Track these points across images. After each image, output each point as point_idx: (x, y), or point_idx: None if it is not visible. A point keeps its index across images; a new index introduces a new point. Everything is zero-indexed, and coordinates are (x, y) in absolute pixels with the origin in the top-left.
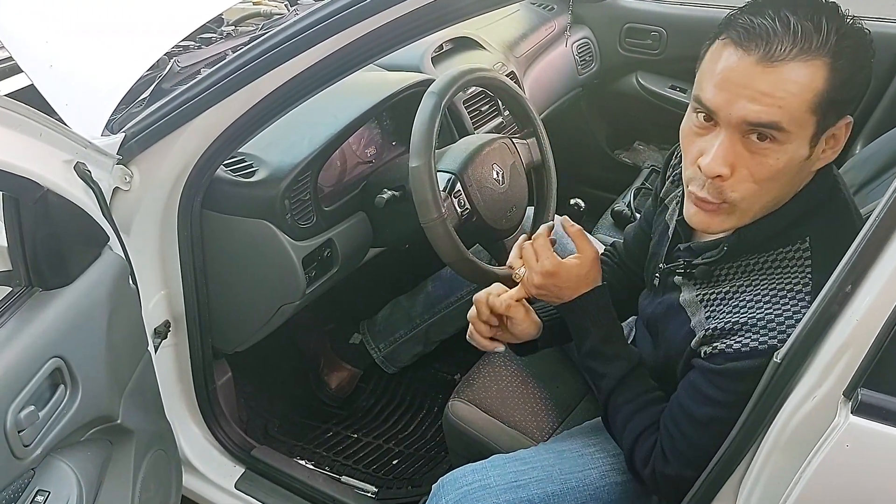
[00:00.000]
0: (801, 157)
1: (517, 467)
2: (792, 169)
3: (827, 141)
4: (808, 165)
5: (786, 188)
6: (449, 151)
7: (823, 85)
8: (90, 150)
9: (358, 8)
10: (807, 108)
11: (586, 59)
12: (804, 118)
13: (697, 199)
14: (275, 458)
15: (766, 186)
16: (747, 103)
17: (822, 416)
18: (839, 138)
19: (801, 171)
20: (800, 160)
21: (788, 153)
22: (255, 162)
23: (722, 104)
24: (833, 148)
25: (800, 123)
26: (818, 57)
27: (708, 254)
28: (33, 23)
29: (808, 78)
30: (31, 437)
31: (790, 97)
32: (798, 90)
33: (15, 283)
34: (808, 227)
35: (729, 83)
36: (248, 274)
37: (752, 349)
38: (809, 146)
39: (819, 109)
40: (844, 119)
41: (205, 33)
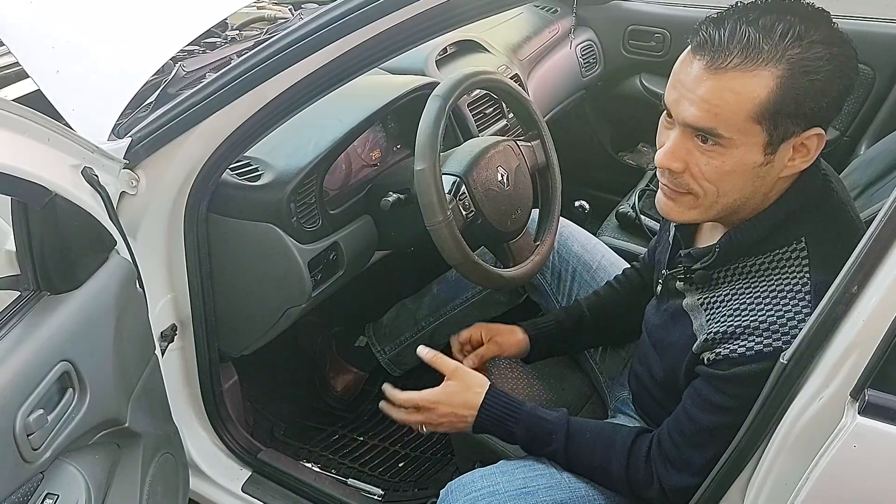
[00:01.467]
0: (753, 162)
1: (526, 473)
2: (745, 173)
3: (796, 149)
4: (771, 171)
5: (747, 190)
6: (454, 154)
7: (767, 96)
8: (97, 154)
9: (362, 12)
10: (746, 117)
11: (590, 62)
12: (745, 126)
13: (662, 185)
14: (281, 461)
15: (723, 187)
16: (689, 105)
17: (829, 417)
18: (809, 148)
19: (764, 177)
20: (752, 165)
21: (735, 157)
22: (261, 166)
23: (672, 104)
24: (804, 157)
25: (741, 131)
26: (764, 68)
27: (705, 258)
28: (40, 29)
29: (747, 88)
30: (39, 440)
31: (726, 105)
32: (735, 100)
33: (23, 288)
34: (802, 228)
35: (679, 84)
36: (254, 277)
37: (758, 352)
38: (763, 153)
39: (764, 119)
40: (813, 130)
41: (210, 38)
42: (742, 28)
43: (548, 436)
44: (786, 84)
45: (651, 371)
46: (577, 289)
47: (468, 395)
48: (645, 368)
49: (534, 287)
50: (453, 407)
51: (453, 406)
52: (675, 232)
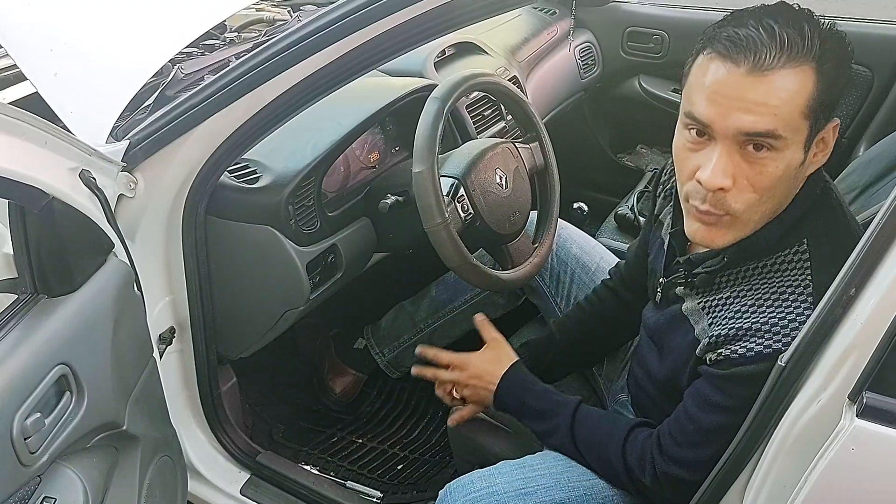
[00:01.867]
0: (798, 162)
1: (525, 474)
2: (790, 175)
3: (817, 144)
4: (803, 170)
5: (783, 195)
6: (452, 156)
7: (813, 89)
8: (95, 157)
9: (361, 14)
10: (800, 114)
11: (588, 63)
12: (798, 123)
13: (699, 212)
14: (280, 464)
15: (766, 195)
16: (742, 114)
17: (827, 420)
18: (828, 141)
19: (798, 177)
20: (796, 166)
21: (786, 159)
22: (259, 168)
23: (716, 117)
24: (823, 151)
25: (795, 129)
26: (805, 62)
27: (708, 262)
28: (37, 31)
29: (798, 84)
30: (37, 444)
31: (783, 104)
32: (790, 97)
33: (21, 291)
34: (803, 230)
35: (720, 96)
36: (253, 280)
37: (758, 353)
38: (804, 151)
39: (811, 113)
40: (832, 122)
41: (208, 40)
42: (772, 26)
43: (556, 406)
44: (822, 75)
45: (650, 373)
46: (575, 291)
47: (497, 365)
48: (644, 371)
49: (532, 289)
50: (481, 371)
51: (481, 370)
52: (671, 239)
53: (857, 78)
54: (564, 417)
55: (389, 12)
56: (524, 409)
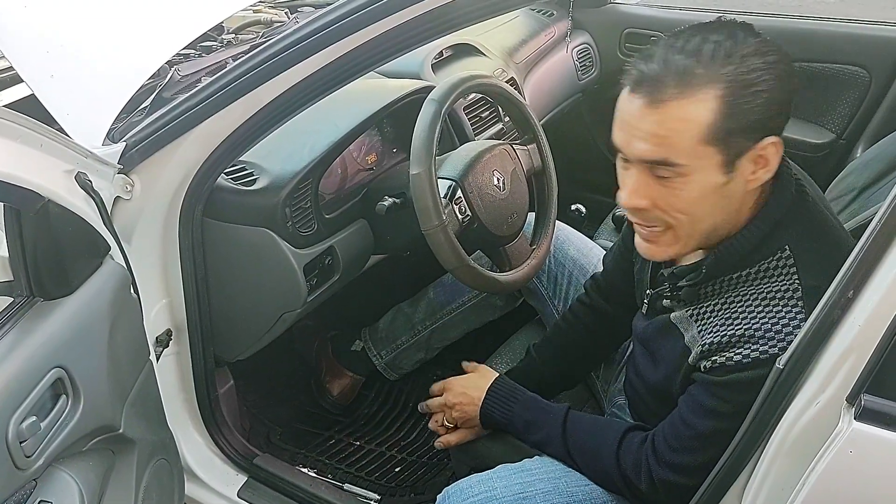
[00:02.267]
0: (716, 183)
1: (523, 479)
2: (712, 195)
3: (756, 161)
4: (737, 188)
5: (720, 211)
6: (449, 158)
7: (713, 117)
8: (91, 159)
9: (358, 16)
10: (696, 142)
11: (586, 65)
12: (698, 150)
13: (638, 228)
14: (277, 467)
15: (695, 214)
16: (639, 142)
17: (825, 422)
18: (768, 159)
19: (731, 195)
20: (715, 187)
21: (697, 183)
22: (256, 170)
23: (622, 144)
24: (765, 168)
25: (695, 156)
26: (703, 91)
27: (690, 276)
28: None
29: (692, 114)
30: (32, 447)
31: (675, 134)
32: (683, 127)
33: (16, 294)
34: (783, 237)
35: (625, 124)
36: (250, 282)
37: (754, 359)
38: (723, 173)
39: (715, 140)
40: (768, 139)
41: (205, 41)
42: (672, 57)
43: (545, 415)
44: (728, 101)
45: (645, 380)
46: (573, 292)
47: (481, 380)
48: (638, 376)
49: (530, 291)
50: (466, 387)
51: (466, 386)
52: None
53: (854, 79)
54: (554, 427)
55: (387, 14)
56: (513, 421)
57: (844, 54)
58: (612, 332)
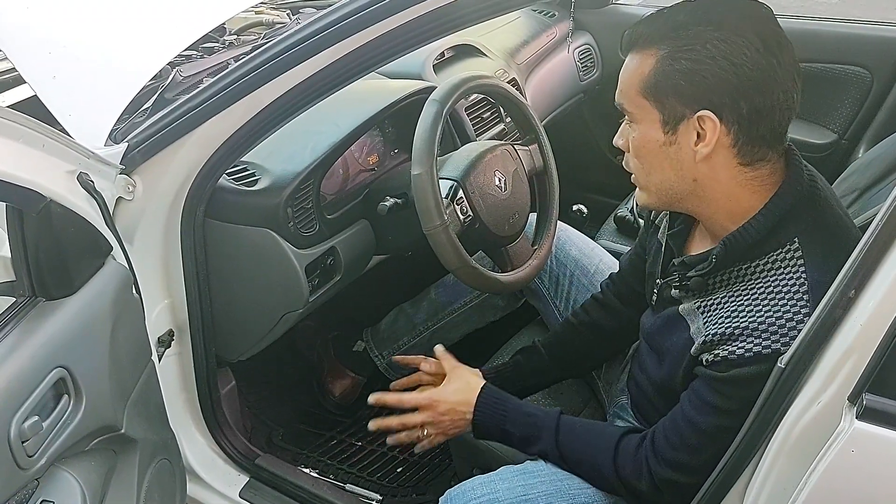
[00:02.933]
0: (657, 139)
1: (526, 480)
2: (655, 150)
3: (698, 135)
4: (682, 154)
5: (669, 172)
6: (451, 159)
7: (649, 72)
8: (93, 160)
9: (360, 17)
10: (636, 92)
11: (588, 66)
12: (637, 101)
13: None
14: (279, 467)
15: (645, 164)
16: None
17: (827, 422)
18: (704, 133)
19: (678, 159)
20: (657, 143)
21: (641, 132)
22: (258, 171)
23: None
24: (704, 143)
25: (636, 105)
26: (652, 48)
27: (700, 266)
28: (36, 34)
29: (637, 66)
30: (34, 447)
31: (624, 82)
32: (628, 76)
33: (18, 294)
34: (793, 229)
35: None
36: (252, 282)
37: (756, 354)
38: (663, 131)
39: (649, 94)
40: (704, 112)
41: (207, 42)
42: (655, 19)
43: (538, 430)
44: (663, 62)
45: (649, 376)
46: (574, 293)
47: (467, 393)
48: (643, 374)
49: (532, 291)
50: (452, 404)
51: (452, 403)
52: (668, 241)
53: (856, 79)
54: (547, 440)
55: (388, 14)
56: (506, 436)
57: (846, 55)
58: (621, 331)
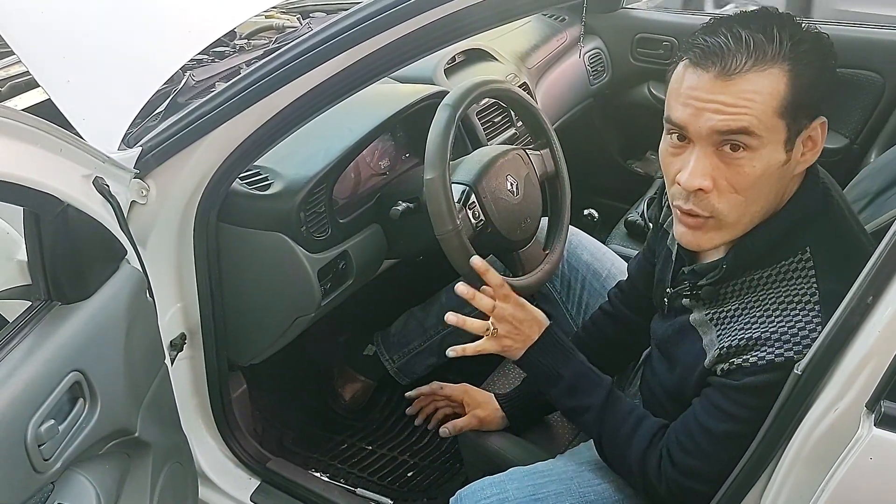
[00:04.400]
0: (779, 161)
1: (535, 480)
2: (772, 175)
3: (804, 143)
4: (789, 170)
5: (771, 195)
6: (463, 163)
7: (785, 90)
8: (108, 164)
9: (371, 23)
10: (773, 114)
11: (598, 70)
12: (772, 123)
13: (683, 213)
14: (290, 471)
15: (751, 195)
16: (713, 115)
17: (845, 429)
18: (816, 140)
19: (783, 177)
20: (777, 165)
21: (764, 159)
22: (271, 175)
23: (690, 119)
24: (812, 150)
25: (769, 128)
26: (774, 65)
27: (711, 274)
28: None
29: (768, 87)
30: (51, 450)
31: (753, 105)
32: (761, 98)
33: (35, 297)
34: (805, 238)
35: (693, 99)
36: (264, 286)
37: (769, 362)
38: (785, 150)
39: (786, 113)
40: (818, 120)
41: (218, 47)
42: (740, 32)
43: (592, 385)
44: (795, 77)
45: (661, 382)
46: (586, 297)
47: (539, 319)
48: (655, 379)
49: (543, 296)
50: (527, 315)
51: (528, 314)
52: (678, 249)
53: (868, 84)
54: (598, 396)
55: (400, 21)
56: (553, 380)
57: (858, 59)
58: (633, 340)
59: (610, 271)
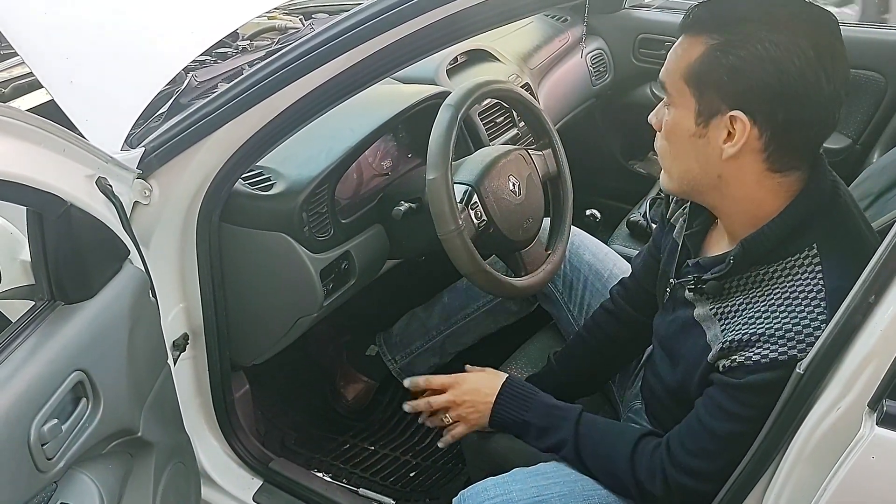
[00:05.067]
0: (688, 129)
1: (539, 482)
2: (683, 138)
3: (726, 132)
4: (709, 149)
5: (693, 163)
6: (465, 163)
7: (696, 59)
8: (111, 164)
9: (373, 23)
10: (679, 76)
11: (600, 70)
12: (679, 85)
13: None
14: (292, 471)
15: (672, 149)
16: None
17: (847, 428)
18: (734, 133)
19: (705, 153)
20: (688, 132)
21: (675, 116)
22: (273, 175)
23: None
24: (731, 143)
25: (677, 89)
26: (703, 36)
27: (716, 268)
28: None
29: (686, 50)
30: (53, 450)
31: (671, 63)
32: (676, 58)
33: (38, 297)
34: (812, 234)
35: None
36: (266, 286)
37: (773, 360)
38: (696, 122)
39: (691, 82)
40: (737, 112)
41: (220, 48)
42: (715, 5)
43: (559, 420)
44: (711, 53)
45: (663, 381)
46: (588, 297)
47: (492, 378)
48: (657, 379)
49: (545, 296)
50: (477, 384)
51: (477, 384)
52: (685, 240)
53: (870, 84)
54: (567, 430)
55: (402, 21)
56: (523, 427)
57: (861, 59)
58: (635, 339)
59: (612, 272)
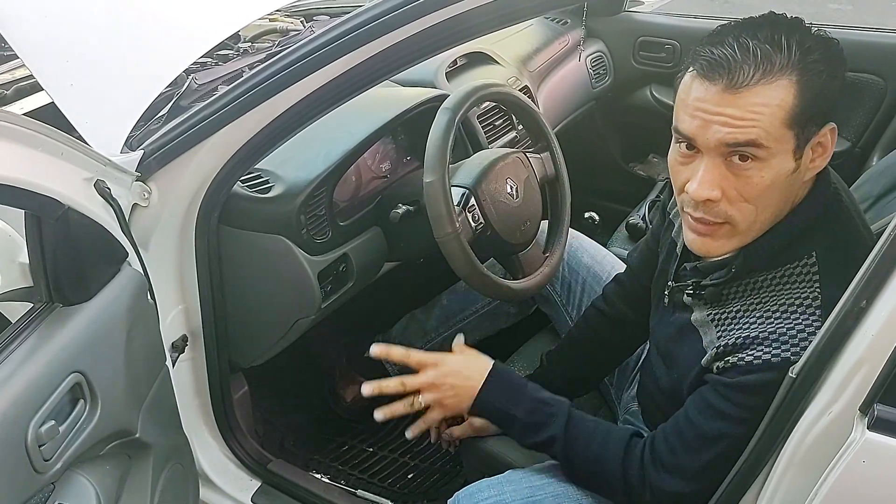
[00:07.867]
0: (788, 170)
1: (533, 482)
2: (781, 183)
3: (814, 149)
4: (799, 176)
5: (781, 201)
6: (463, 166)
7: (794, 101)
8: (110, 167)
9: (373, 26)
10: (781, 125)
11: (600, 73)
12: (781, 134)
13: (695, 220)
14: (291, 472)
15: (761, 204)
16: (721, 127)
17: (838, 432)
18: (826, 146)
19: (793, 183)
20: (787, 174)
21: (773, 169)
22: (272, 178)
23: (698, 131)
24: (822, 156)
25: (778, 139)
26: (782, 76)
27: (716, 274)
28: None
29: (776, 98)
30: (51, 451)
31: (761, 117)
32: (769, 111)
33: (36, 299)
34: (812, 242)
35: (700, 112)
36: (265, 289)
37: (765, 362)
38: (794, 159)
39: (795, 124)
40: (828, 126)
41: (221, 50)
42: (748, 43)
43: (548, 417)
44: (803, 87)
45: (658, 383)
46: (586, 300)
47: (479, 362)
48: (652, 380)
49: (544, 298)
50: (460, 367)
51: (460, 366)
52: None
53: (869, 87)
54: (557, 427)
55: (401, 24)
56: (509, 420)
57: (860, 62)
58: (627, 337)
59: (610, 274)
